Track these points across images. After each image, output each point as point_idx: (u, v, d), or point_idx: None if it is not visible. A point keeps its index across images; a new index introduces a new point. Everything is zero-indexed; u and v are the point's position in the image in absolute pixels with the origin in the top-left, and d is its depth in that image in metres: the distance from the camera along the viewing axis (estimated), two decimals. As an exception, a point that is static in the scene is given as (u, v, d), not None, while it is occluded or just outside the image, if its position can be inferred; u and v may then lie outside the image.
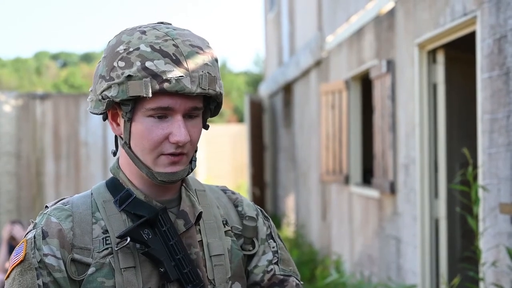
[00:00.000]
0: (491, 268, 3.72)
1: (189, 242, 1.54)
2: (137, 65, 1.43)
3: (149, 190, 1.55)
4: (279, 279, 1.64)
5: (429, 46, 4.89)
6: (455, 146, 5.01)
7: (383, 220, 5.93)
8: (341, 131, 7.29)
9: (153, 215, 1.49)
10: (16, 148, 11.28)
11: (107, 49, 1.51)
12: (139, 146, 1.49)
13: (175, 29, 1.50)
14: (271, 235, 1.70)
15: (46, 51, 60.01)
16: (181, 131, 1.46)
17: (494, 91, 3.68)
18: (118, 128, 1.53)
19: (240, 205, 1.71)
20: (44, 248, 1.46)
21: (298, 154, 10.68)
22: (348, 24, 7.06)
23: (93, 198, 1.55)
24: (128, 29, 1.52)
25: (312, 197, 9.58)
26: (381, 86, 5.86)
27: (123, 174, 1.56)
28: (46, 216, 1.51)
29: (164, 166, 1.49)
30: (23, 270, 1.45)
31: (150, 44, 1.44)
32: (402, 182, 5.39)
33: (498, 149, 3.64)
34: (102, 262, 1.46)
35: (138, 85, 1.42)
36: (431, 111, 4.99)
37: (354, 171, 7.17)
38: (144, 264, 1.48)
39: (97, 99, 1.51)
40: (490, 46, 3.72)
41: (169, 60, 1.43)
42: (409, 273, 5.27)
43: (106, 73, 1.47)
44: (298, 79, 10.55)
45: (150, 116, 1.46)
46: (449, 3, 4.31)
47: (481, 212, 3.83)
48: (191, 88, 1.44)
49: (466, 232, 4.96)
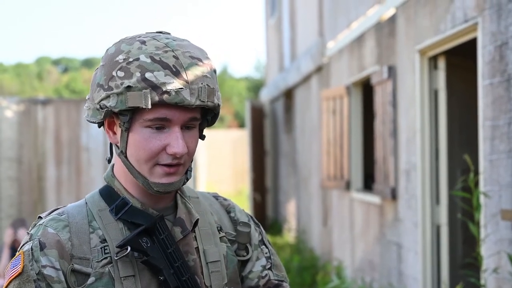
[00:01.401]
0: (493, 274, 3.72)
1: (186, 249, 1.54)
2: (136, 76, 1.42)
3: (145, 198, 1.54)
4: (274, 284, 1.66)
5: (430, 53, 4.90)
6: (456, 153, 5.01)
7: (384, 226, 5.93)
8: (342, 137, 7.30)
9: (151, 223, 1.48)
10: (18, 153, 11.27)
11: (106, 58, 1.49)
12: (135, 156, 1.48)
13: (175, 40, 1.49)
14: (263, 241, 1.71)
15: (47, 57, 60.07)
16: (179, 143, 1.45)
17: (495, 97, 3.68)
18: (114, 136, 1.53)
19: (233, 211, 1.72)
20: (42, 259, 1.44)
21: (299, 160, 10.68)
22: (349, 30, 7.07)
23: (88, 207, 1.54)
24: (127, 38, 1.51)
25: (313, 202, 9.57)
26: (382, 92, 5.87)
27: (118, 182, 1.56)
28: (43, 227, 1.49)
29: (160, 176, 1.48)
30: (22, 282, 1.44)
31: (150, 55, 1.43)
32: (403, 188, 5.39)
33: (499, 155, 3.64)
34: (101, 271, 1.46)
35: (137, 96, 1.42)
36: (432, 117, 4.99)
37: (355, 176, 7.17)
38: (143, 273, 1.48)
39: (94, 108, 1.50)
40: (491, 52, 3.73)
41: (169, 72, 1.42)
42: (410, 279, 5.26)
43: (105, 82, 1.46)
44: (299, 85, 10.56)
45: (147, 127, 1.45)
46: (450, 10, 4.31)
47: (483, 218, 3.83)
48: (190, 100, 1.43)
49: (467, 238, 4.96)
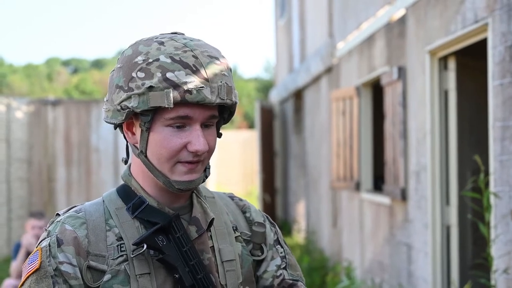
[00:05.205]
0: (503, 275, 3.71)
1: (201, 248, 1.55)
2: (157, 76, 1.44)
3: (161, 197, 1.56)
4: (288, 284, 1.67)
5: (440, 53, 4.89)
6: (466, 153, 4.99)
7: (394, 227, 5.92)
8: (352, 138, 7.29)
9: (167, 222, 1.50)
10: (28, 154, 11.31)
11: (123, 59, 1.51)
12: (156, 155, 1.50)
13: (192, 40, 1.51)
14: (278, 240, 1.73)
15: (57, 57, 60.37)
16: (200, 140, 1.47)
17: (505, 98, 3.68)
18: (133, 137, 1.54)
19: (248, 211, 1.73)
20: (60, 256, 1.46)
21: (309, 161, 10.68)
22: (359, 31, 7.07)
23: (105, 205, 1.56)
24: (143, 40, 1.52)
25: (322, 203, 9.57)
26: (392, 93, 5.86)
27: (135, 181, 1.57)
28: (60, 224, 1.51)
29: (181, 174, 1.50)
30: (39, 278, 1.45)
31: (170, 55, 1.45)
32: (413, 189, 5.39)
33: (509, 156, 3.64)
34: (117, 269, 1.47)
35: (159, 96, 1.43)
36: (442, 118, 4.98)
37: (365, 177, 7.16)
38: (159, 271, 1.49)
39: (114, 109, 1.51)
40: (501, 53, 3.72)
41: (190, 71, 1.44)
42: (420, 280, 5.26)
43: (124, 84, 1.48)
44: (309, 86, 10.56)
45: (168, 126, 1.47)
46: (460, 10, 4.31)
47: (493, 219, 3.82)
48: (211, 98, 1.45)
49: (477, 239, 4.96)
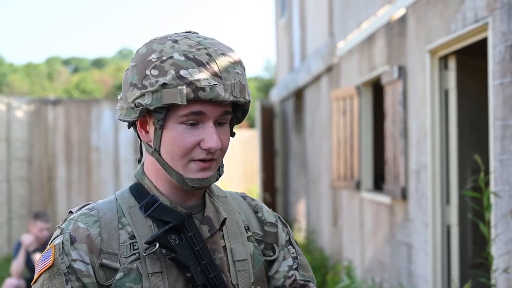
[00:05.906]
0: (503, 274, 3.71)
1: (213, 247, 1.55)
2: (171, 74, 1.44)
3: (174, 196, 1.56)
4: (300, 284, 1.67)
5: (441, 53, 4.90)
6: (466, 152, 5.00)
7: (394, 226, 5.93)
8: (352, 137, 7.30)
9: (180, 221, 1.50)
10: (28, 154, 11.31)
11: (137, 58, 1.52)
12: (169, 153, 1.50)
13: (206, 38, 1.52)
14: (290, 241, 1.73)
15: (57, 57, 60.32)
16: (213, 138, 1.48)
17: (506, 97, 3.68)
18: (147, 135, 1.54)
19: (260, 211, 1.73)
20: (73, 253, 1.47)
21: (309, 160, 10.68)
22: (359, 31, 7.07)
23: (118, 203, 1.56)
24: (157, 38, 1.53)
25: (323, 202, 9.57)
26: (392, 92, 5.86)
27: (148, 180, 1.58)
28: (73, 222, 1.52)
29: (195, 172, 1.50)
30: (52, 275, 1.46)
31: (183, 53, 1.46)
32: (413, 188, 5.39)
33: (509, 155, 3.64)
34: (129, 267, 1.48)
35: (173, 93, 1.44)
36: (442, 117, 4.99)
37: (365, 177, 7.17)
38: (171, 270, 1.50)
39: (128, 107, 1.52)
40: (501, 52, 3.72)
41: (203, 69, 1.45)
42: (420, 279, 5.26)
43: (138, 81, 1.48)
44: (309, 85, 10.56)
45: (182, 123, 1.47)
46: (461, 9, 4.31)
47: (493, 218, 3.83)
48: (224, 96, 1.46)
49: (477, 238, 4.96)
